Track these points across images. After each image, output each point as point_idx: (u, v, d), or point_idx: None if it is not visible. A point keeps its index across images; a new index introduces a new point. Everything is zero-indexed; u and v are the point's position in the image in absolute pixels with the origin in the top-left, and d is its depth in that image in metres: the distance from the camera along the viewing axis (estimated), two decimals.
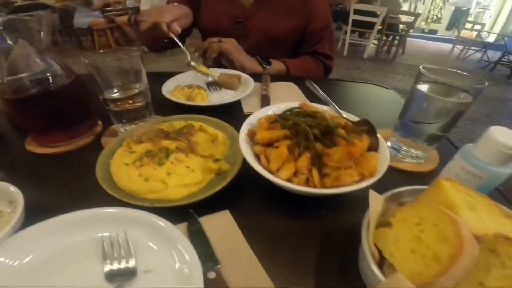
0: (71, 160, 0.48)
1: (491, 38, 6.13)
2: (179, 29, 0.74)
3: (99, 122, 0.56)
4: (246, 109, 0.62)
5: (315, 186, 0.35)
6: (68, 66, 0.50)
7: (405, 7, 7.31)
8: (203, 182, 0.38)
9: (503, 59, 4.84)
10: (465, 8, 8.24)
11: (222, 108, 0.61)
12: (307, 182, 0.35)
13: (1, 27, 0.42)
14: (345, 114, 0.49)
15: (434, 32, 8.51)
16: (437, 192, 0.30)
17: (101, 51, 0.50)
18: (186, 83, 0.70)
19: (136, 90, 0.49)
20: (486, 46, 5.31)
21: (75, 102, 0.50)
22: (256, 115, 0.45)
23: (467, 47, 5.60)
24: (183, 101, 0.61)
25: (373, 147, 0.39)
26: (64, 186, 0.42)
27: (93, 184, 0.37)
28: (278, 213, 0.38)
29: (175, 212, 0.33)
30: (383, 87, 0.86)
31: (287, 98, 0.68)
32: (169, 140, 0.42)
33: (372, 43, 4.61)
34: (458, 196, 0.29)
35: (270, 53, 0.90)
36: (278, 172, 0.35)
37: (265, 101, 0.64)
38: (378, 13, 3.94)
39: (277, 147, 0.38)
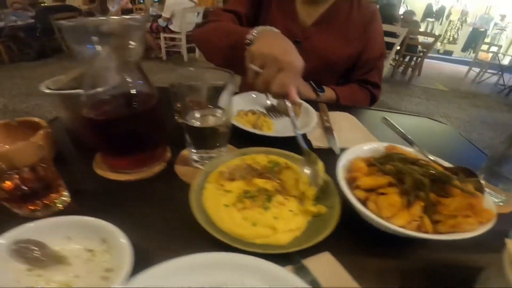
0: (149, 190, 0.46)
1: (507, 61, 6.12)
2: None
3: (167, 147, 0.55)
4: (315, 143, 0.61)
5: (426, 232, 0.34)
6: (152, 84, 0.47)
7: (422, 27, 7.36)
8: (304, 225, 0.37)
9: None
10: (483, 29, 8.22)
11: (288, 139, 0.58)
12: (418, 228, 0.35)
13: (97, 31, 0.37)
14: (432, 157, 0.48)
15: (449, 53, 8.52)
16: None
17: (191, 68, 0.47)
18: (243, 107, 0.69)
19: (218, 115, 0.48)
20: (503, 69, 5.22)
21: (156, 125, 0.49)
22: (346, 157, 0.44)
23: (483, 70, 5.53)
24: (250, 129, 0.60)
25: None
26: (153, 221, 0.40)
27: (185, 220, 0.36)
28: (378, 254, 0.37)
29: (278, 256, 0.32)
30: (437, 120, 0.84)
31: (350, 131, 0.67)
32: (263, 179, 0.41)
33: (389, 64, 4.63)
34: None
35: (321, 78, 0.90)
36: (391, 220, 0.34)
37: (329, 134, 0.63)
38: (399, 33, 3.96)
39: (381, 193, 0.37)
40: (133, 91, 0.44)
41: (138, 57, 0.43)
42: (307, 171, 0.42)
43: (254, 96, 0.77)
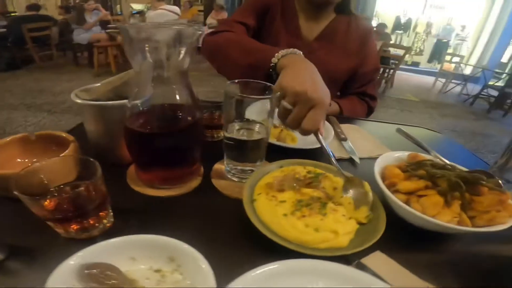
0: (193, 204, 0.47)
1: (469, 71, 6.57)
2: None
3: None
4: (336, 154, 0.64)
5: (467, 226, 0.40)
6: (196, 96, 0.47)
7: (392, 39, 7.63)
8: (356, 228, 0.41)
9: (482, 93, 5.09)
10: (446, 40, 8.63)
11: (312, 151, 0.62)
12: (459, 224, 0.40)
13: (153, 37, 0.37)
14: (449, 163, 0.54)
15: (416, 64, 8.93)
16: None
17: (235, 80, 0.49)
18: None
19: (257, 128, 0.50)
20: (466, 79, 5.61)
21: (198, 139, 0.50)
22: (379, 165, 0.49)
23: (448, 80, 5.91)
24: (276, 142, 0.63)
25: None
26: (209, 235, 0.40)
27: (242, 232, 0.39)
28: (423, 250, 0.42)
29: (339, 258, 0.35)
30: (432, 130, 0.92)
31: (363, 142, 0.73)
32: (310, 188, 0.45)
33: None
34: None
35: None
36: (437, 217, 0.39)
37: (347, 145, 0.68)
38: None
39: (421, 195, 0.41)
40: (180, 103, 0.45)
41: (186, 67, 0.43)
42: (349, 194, 0.45)
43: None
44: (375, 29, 5.81)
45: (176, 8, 4.62)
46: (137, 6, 9.20)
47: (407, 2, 8.45)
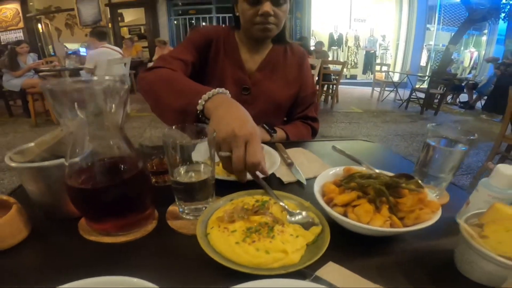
0: (151, 246, 0.48)
1: (397, 77, 7.28)
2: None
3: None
4: (285, 179, 0.69)
5: (398, 227, 0.45)
6: (134, 146, 0.49)
7: (330, 56, 8.12)
8: (304, 244, 0.45)
9: (412, 96, 5.66)
10: (372, 51, 9.37)
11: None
12: (391, 226, 0.45)
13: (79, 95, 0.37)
14: (377, 170, 0.61)
15: (354, 77, 9.59)
16: (498, 211, 0.41)
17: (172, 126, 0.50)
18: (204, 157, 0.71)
19: (202, 169, 0.53)
20: (396, 85, 6.20)
21: (146, 187, 0.51)
22: (318, 184, 0.54)
23: (382, 89, 6.49)
24: (226, 177, 0.64)
25: None
26: (169, 274, 0.41)
27: (200, 265, 0.41)
28: (367, 253, 0.46)
29: (295, 274, 0.39)
30: (369, 141, 1.02)
31: (308, 163, 0.78)
32: (258, 215, 0.48)
33: None
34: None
35: (270, 119, 1.02)
36: (371, 223, 0.44)
37: (293, 169, 0.73)
38: (315, 65, 4.36)
39: (355, 205, 0.47)
40: (119, 156, 0.47)
41: (120, 120, 0.45)
42: (294, 218, 0.50)
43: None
44: (314, 48, 6.28)
45: (118, 48, 4.48)
46: (72, 46, 8.75)
47: (336, 19, 8.96)
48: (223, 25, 1.08)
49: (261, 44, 1.04)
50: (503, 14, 6.23)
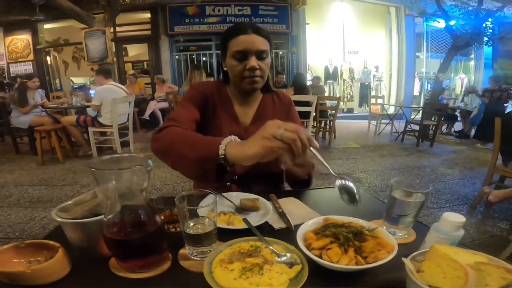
0: (167, 281, 0.61)
1: (392, 109, 7.35)
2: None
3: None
4: (276, 226, 0.81)
5: (362, 264, 0.58)
6: (154, 206, 0.64)
7: (326, 90, 8.22)
8: (287, 280, 0.57)
9: (407, 129, 5.70)
10: (367, 83, 9.43)
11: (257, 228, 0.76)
12: (356, 264, 0.58)
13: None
14: (352, 219, 0.73)
15: (351, 110, 9.62)
16: (435, 251, 0.54)
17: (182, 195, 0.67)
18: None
19: (206, 222, 0.67)
20: (391, 118, 6.27)
21: (163, 237, 0.65)
22: (300, 233, 0.67)
23: (378, 122, 6.56)
24: (227, 226, 0.77)
25: None
26: None
27: None
28: (337, 285, 0.58)
29: None
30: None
31: (297, 211, 0.90)
32: (251, 258, 0.61)
33: (311, 132, 5.12)
34: (447, 249, 0.53)
35: (267, 168, 1.10)
36: (339, 262, 0.58)
37: (284, 218, 0.84)
38: (312, 101, 4.48)
39: (328, 249, 0.60)
40: (141, 213, 0.61)
41: (142, 187, 0.59)
42: (280, 258, 0.61)
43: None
44: (311, 83, 6.48)
45: (122, 86, 4.63)
46: (77, 80, 8.92)
47: (331, 52, 9.22)
48: (212, 79, 1.19)
49: (251, 96, 1.15)
50: (485, 39, 6.46)
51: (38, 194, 3.15)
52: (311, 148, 0.67)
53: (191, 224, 0.66)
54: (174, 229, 0.79)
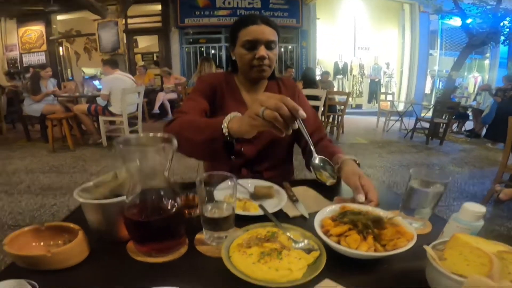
0: (185, 266, 0.61)
1: (402, 106, 7.25)
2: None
3: None
4: (291, 214, 0.81)
5: (380, 252, 0.58)
6: (175, 186, 0.64)
7: (335, 85, 8.17)
8: (306, 265, 0.57)
9: (417, 126, 5.63)
10: (377, 79, 9.34)
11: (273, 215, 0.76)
12: (375, 251, 0.58)
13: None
14: (370, 207, 0.73)
15: (360, 106, 9.56)
16: (457, 239, 0.53)
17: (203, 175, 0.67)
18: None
19: (225, 206, 0.67)
20: (401, 115, 6.19)
21: (182, 220, 0.65)
22: (317, 219, 0.67)
23: (387, 118, 6.50)
24: (242, 212, 0.77)
25: None
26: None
27: (225, 280, 0.54)
28: (356, 273, 0.58)
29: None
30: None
31: (310, 200, 0.90)
32: (269, 243, 0.61)
33: None
34: (469, 238, 0.53)
35: (274, 154, 1.17)
36: (358, 249, 0.57)
37: (298, 205, 0.85)
38: (321, 96, 4.48)
39: (347, 235, 0.60)
40: (162, 195, 0.61)
41: (165, 167, 0.59)
42: (297, 245, 0.62)
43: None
44: (320, 77, 6.44)
45: (129, 75, 4.69)
46: (88, 71, 9.07)
47: (341, 47, 9.14)
48: (221, 70, 1.21)
49: (258, 84, 1.18)
50: (502, 38, 6.29)
51: (49, 181, 3.20)
52: (298, 120, 0.65)
53: (210, 208, 0.66)
54: (189, 214, 0.79)
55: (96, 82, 5.60)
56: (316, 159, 0.80)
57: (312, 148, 0.77)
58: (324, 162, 0.81)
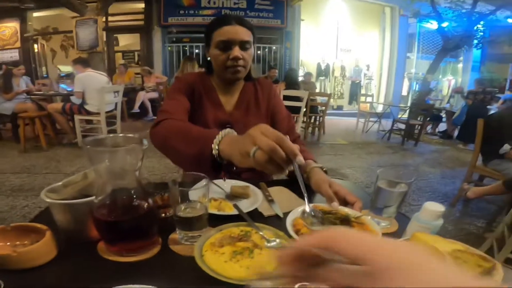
0: (157, 265, 0.61)
1: (380, 108, 7.45)
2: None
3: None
4: (265, 213, 0.82)
5: None
6: (144, 188, 0.64)
7: (317, 86, 8.26)
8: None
9: (394, 128, 5.80)
10: (358, 81, 9.53)
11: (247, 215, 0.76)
12: None
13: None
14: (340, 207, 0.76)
15: (341, 107, 9.72)
16: (415, 239, 0.57)
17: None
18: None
19: (198, 206, 0.67)
20: (379, 116, 6.36)
21: (154, 219, 0.65)
22: (289, 219, 0.69)
23: (367, 120, 6.63)
24: (217, 212, 0.78)
25: None
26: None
27: (197, 279, 0.55)
28: None
29: None
30: (341, 178, 1.18)
31: (285, 199, 0.92)
32: (241, 242, 0.62)
33: (300, 127, 5.14)
34: (427, 237, 0.56)
35: None
36: None
37: (273, 204, 0.86)
38: (303, 97, 4.52)
39: None
40: (133, 195, 0.61)
41: (135, 167, 0.60)
42: (270, 244, 0.63)
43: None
44: (303, 78, 6.51)
45: (103, 73, 4.52)
46: (64, 68, 8.70)
47: (323, 49, 9.23)
48: (197, 71, 1.20)
49: (233, 85, 1.17)
50: (475, 41, 6.53)
51: (20, 182, 3.08)
52: (294, 164, 0.56)
53: (183, 207, 0.67)
54: (163, 214, 0.79)
55: (64, 85, 5.47)
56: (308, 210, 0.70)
57: (306, 199, 0.68)
58: (316, 212, 0.72)
